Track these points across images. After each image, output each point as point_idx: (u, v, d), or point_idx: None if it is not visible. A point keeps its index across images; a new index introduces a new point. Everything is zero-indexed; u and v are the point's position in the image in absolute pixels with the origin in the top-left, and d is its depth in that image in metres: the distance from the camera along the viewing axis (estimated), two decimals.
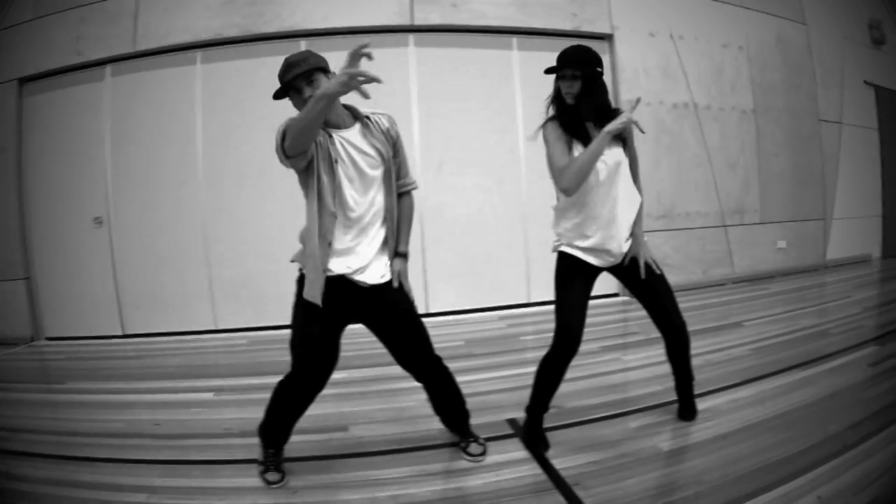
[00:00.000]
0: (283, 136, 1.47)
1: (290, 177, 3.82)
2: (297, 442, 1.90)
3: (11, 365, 3.51)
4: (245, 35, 3.80)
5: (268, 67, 3.77)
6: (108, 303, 4.01)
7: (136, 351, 3.67)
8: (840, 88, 5.83)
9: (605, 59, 4.30)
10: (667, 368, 2.07)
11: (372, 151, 1.58)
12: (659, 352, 2.41)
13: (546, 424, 1.95)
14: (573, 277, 1.83)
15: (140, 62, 3.88)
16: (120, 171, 3.95)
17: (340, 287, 1.56)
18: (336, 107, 1.55)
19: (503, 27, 4.01)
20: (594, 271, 1.85)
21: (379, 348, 1.78)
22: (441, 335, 3.43)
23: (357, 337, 2.08)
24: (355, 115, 1.62)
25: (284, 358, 1.84)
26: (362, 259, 1.57)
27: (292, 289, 1.63)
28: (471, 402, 1.97)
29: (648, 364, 2.67)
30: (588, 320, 1.86)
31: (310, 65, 1.51)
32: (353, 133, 1.58)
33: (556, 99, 1.83)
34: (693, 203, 4.51)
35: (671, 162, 4.43)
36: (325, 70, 1.54)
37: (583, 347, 1.85)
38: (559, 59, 1.78)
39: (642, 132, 1.83)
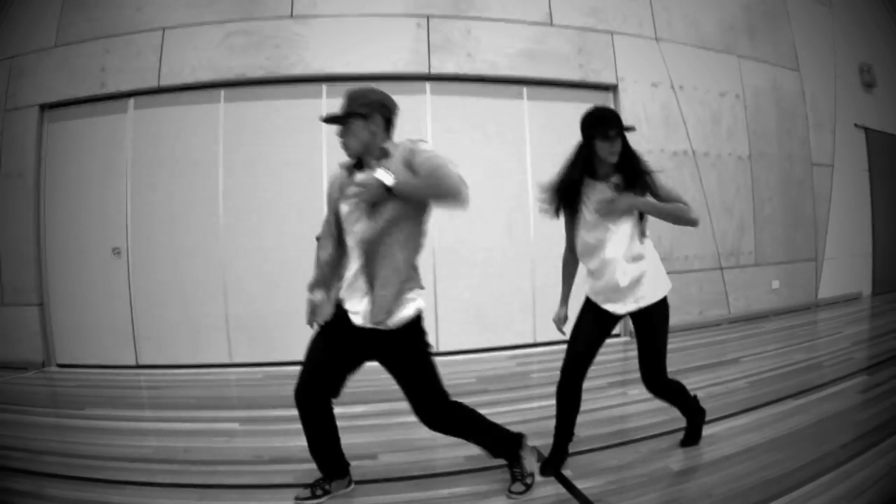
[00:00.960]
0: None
1: (307, 217, 4.17)
2: (288, 471, 2.23)
3: (25, 389, 3.72)
4: (268, 76, 4.13)
5: (289, 109, 4.15)
6: (123, 333, 4.22)
7: (150, 381, 3.87)
8: (832, 132, 6.32)
9: None
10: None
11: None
12: (688, 380, 2.82)
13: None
14: (584, 314, 2.22)
15: (163, 97, 4.18)
16: (139, 202, 4.21)
17: None
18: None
19: (513, 77, 4.40)
20: (604, 313, 2.18)
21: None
22: (453, 373, 3.71)
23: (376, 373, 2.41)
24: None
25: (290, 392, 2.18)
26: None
27: (304, 324, 1.99)
28: None
29: (651, 398, 3.04)
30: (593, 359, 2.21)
31: (345, 108, 1.77)
32: None
33: (583, 160, 2.05)
34: (691, 246, 4.91)
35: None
36: (364, 115, 1.76)
37: (590, 384, 2.23)
38: (600, 119, 1.98)
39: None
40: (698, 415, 2.40)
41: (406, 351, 1.84)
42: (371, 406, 3.09)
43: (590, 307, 2.21)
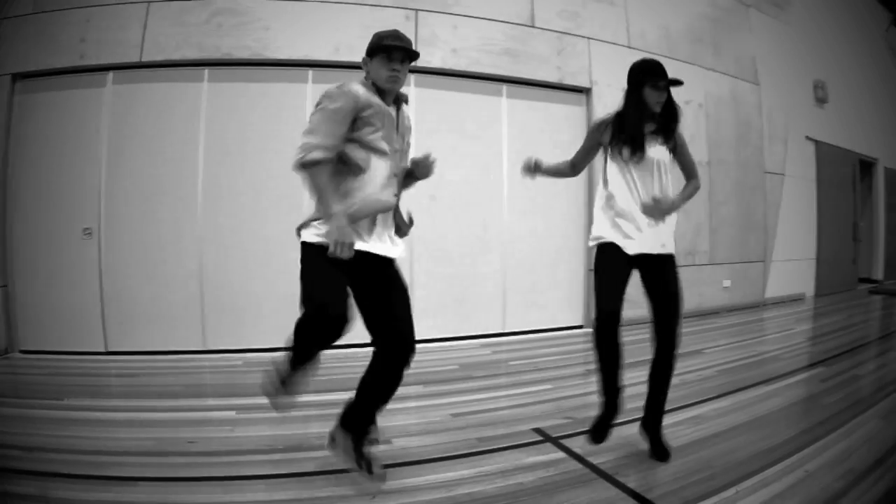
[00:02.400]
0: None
1: (288, 199, 4.40)
2: (306, 458, 2.37)
3: None
4: (255, 59, 4.39)
5: (274, 92, 4.43)
6: (92, 317, 4.26)
7: (124, 369, 3.90)
8: (784, 143, 7.14)
9: (582, 111, 5.30)
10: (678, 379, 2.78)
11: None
12: (641, 372, 3.34)
13: (565, 432, 2.68)
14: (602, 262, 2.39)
15: (145, 73, 4.32)
16: (114, 181, 4.26)
17: None
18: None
19: (495, 75, 4.86)
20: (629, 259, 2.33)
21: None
22: (434, 360, 4.16)
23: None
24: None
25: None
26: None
27: (286, 308, 2.23)
28: (492, 417, 2.82)
29: (636, 382, 3.51)
30: (562, 349, 2.65)
31: (412, 51, 1.99)
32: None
33: (634, 105, 2.28)
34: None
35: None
36: (412, 60, 2.03)
37: (570, 371, 2.65)
38: (652, 69, 2.25)
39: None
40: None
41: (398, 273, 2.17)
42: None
43: (606, 252, 2.36)
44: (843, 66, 8.97)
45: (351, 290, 2.01)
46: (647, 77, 2.25)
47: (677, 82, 2.29)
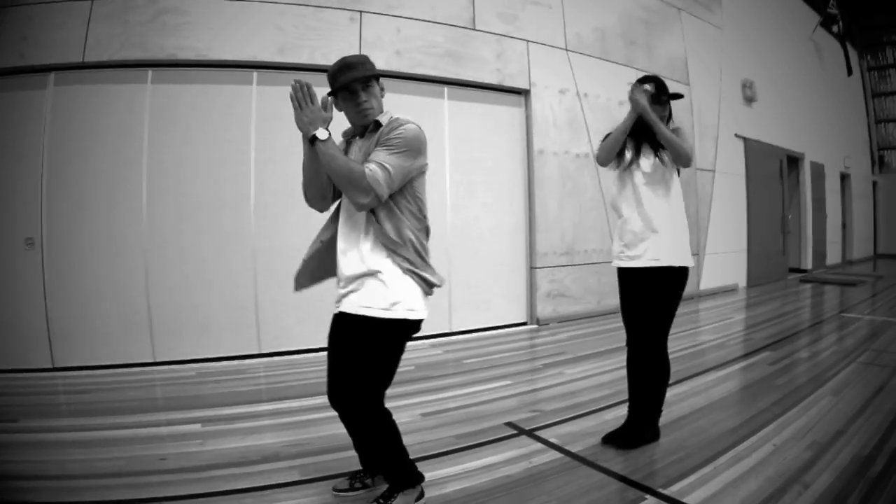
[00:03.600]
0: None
1: (235, 204, 4.62)
2: (326, 461, 2.54)
3: None
4: (200, 59, 4.56)
5: (219, 95, 4.69)
6: (37, 332, 4.22)
7: (74, 385, 3.87)
8: (714, 140, 7.92)
9: (521, 112, 5.83)
10: (609, 377, 3.15)
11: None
12: (594, 365, 3.84)
13: (537, 425, 2.96)
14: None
15: (88, 73, 4.39)
16: (56, 189, 4.25)
17: None
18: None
19: (437, 77, 5.29)
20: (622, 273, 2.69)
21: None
22: None
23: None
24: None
25: (247, 387, 2.84)
26: None
27: (236, 317, 2.48)
28: (462, 415, 3.08)
29: (588, 375, 3.85)
30: (511, 345, 2.99)
31: (368, 70, 1.88)
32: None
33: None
34: (591, 241, 6.16)
35: (573, 205, 6.03)
36: (378, 78, 1.92)
37: (524, 366, 3.04)
38: (657, 85, 2.65)
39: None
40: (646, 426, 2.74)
41: None
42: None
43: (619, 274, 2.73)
44: (771, 66, 9.92)
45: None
46: (675, 97, 2.69)
47: (677, 96, 2.70)
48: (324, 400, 3.25)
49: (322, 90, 1.96)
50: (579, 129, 6.11)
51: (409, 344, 4.97)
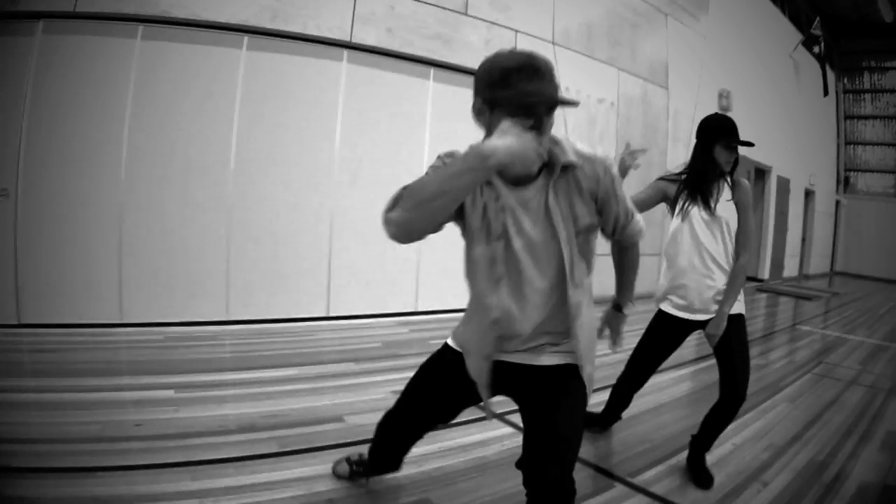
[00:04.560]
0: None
1: (216, 167, 4.87)
2: (304, 434, 2.63)
3: None
4: (192, 19, 4.64)
5: (208, 56, 4.85)
6: (4, 287, 4.21)
7: (40, 344, 3.86)
8: (687, 147, 8.46)
9: None
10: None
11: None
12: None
13: (507, 409, 2.95)
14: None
15: (78, 24, 4.39)
16: (36, 140, 4.28)
17: None
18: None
19: (425, 58, 5.60)
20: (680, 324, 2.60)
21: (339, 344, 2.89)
22: (357, 337, 4.74)
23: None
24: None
25: (216, 354, 2.96)
26: None
27: (209, 281, 2.74)
28: None
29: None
30: None
31: (559, 91, 1.35)
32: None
33: (704, 163, 2.43)
34: None
35: None
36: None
37: None
38: (727, 128, 2.36)
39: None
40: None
41: None
42: (326, 367, 3.77)
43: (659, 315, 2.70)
44: (749, 78, 10.54)
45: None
46: (720, 136, 2.39)
47: (749, 144, 2.43)
48: (297, 371, 3.59)
49: (293, 59, 1.99)
50: (557, 122, 6.47)
51: (376, 321, 5.19)
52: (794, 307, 8.88)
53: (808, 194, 15.01)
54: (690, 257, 2.52)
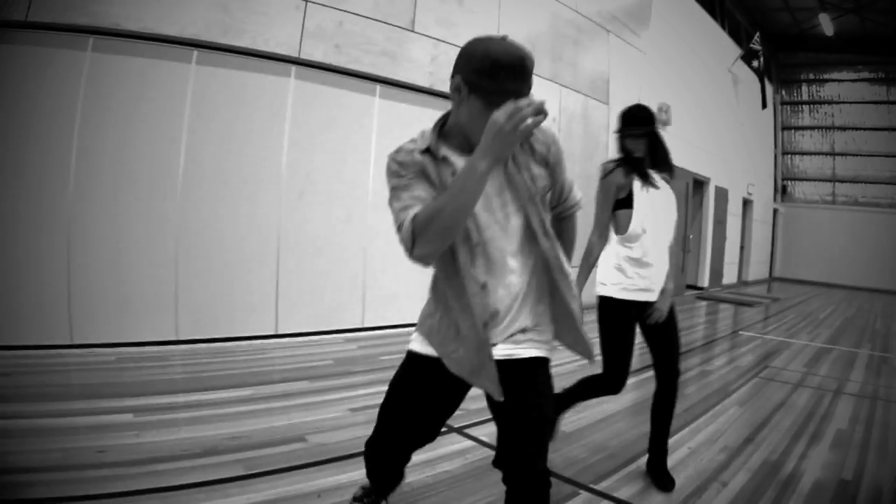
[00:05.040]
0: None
1: (162, 187, 4.97)
2: (269, 455, 2.68)
3: None
4: (142, 31, 4.75)
5: (157, 71, 4.97)
6: None
7: None
8: None
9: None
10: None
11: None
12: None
13: (465, 423, 3.23)
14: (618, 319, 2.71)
15: (28, 34, 4.41)
16: None
17: None
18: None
19: (372, 74, 5.92)
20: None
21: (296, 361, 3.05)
22: (307, 355, 4.86)
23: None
24: None
25: (169, 376, 3.03)
26: None
27: (161, 301, 3.00)
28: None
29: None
30: None
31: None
32: None
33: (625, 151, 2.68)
34: None
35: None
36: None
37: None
38: (626, 118, 2.68)
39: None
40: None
41: None
42: (280, 386, 3.89)
43: (616, 304, 2.68)
44: (688, 92, 11.27)
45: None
46: (624, 125, 2.73)
47: (649, 129, 2.69)
48: (253, 391, 3.70)
49: (242, 75, 2.16)
50: None
51: (323, 338, 5.38)
52: (735, 314, 9.51)
53: (747, 203, 15.99)
54: (655, 237, 2.65)
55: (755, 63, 14.70)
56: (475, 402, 3.46)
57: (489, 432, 3.17)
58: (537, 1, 7.58)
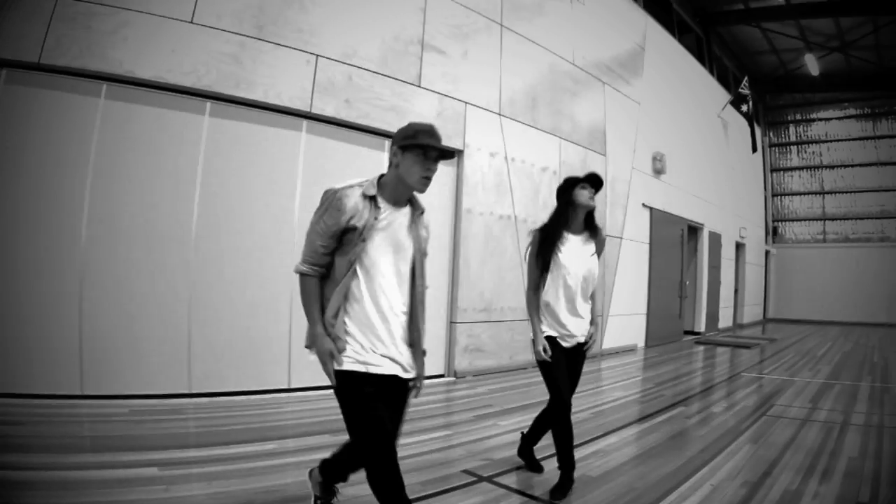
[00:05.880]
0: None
1: (176, 238, 5.11)
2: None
3: None
4: (157, 80, 4.86)
5: (173, 120, 5.09)
6: None
7: (3, 415, 3.89)
8: (624, 209, 9.41)
9: (453, 172, 6.84)
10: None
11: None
12: (524, 417, 4.44)
13: (494, 472, 3.55)
14: (554, 353, 3.30)
15: (41, 77, 4.54)
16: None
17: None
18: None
19: (381, 130, 6.17)
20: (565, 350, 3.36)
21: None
22: (320, 409, 4.87)
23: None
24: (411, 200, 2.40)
25: (186, 429, 3.19)
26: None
27: (167, 354, 3.30)
28: (418, 462, 3.51)
29: (523, 426, 4.11)
30: (435, 396, 3.78)
31: (448, 152, 2.36)
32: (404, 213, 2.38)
33: (566, 205, 3.31)
34: (507, 299, 7.25)
35: (493, 265, 7.13)
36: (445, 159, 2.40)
37: (458, 418, 3.81)
38: (591, 178, 3.30)
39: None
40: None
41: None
42: (303, 440, 3.99)
43: (555, 345, 3.33)
44: (681, 140, 11.77)
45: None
46: (576, 180, 3.36)
47: (599, 182, 3.35)
48: (277, 445, 3.80)
49: (254, 127, 2.39)
50: (504, 191, 7.26)
51: (326, 393, 5.12)
52: (734, 356, 9.86)
53: (739, 247, 16.51)
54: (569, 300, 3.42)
55: (744, 107, 15.36)
56: (497, 451, 3.97)
57: (517, 480, 3.46)
58: (535, 54, 7.98)
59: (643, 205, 10.17)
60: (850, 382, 7.26)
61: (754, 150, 16.55)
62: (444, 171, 6.74)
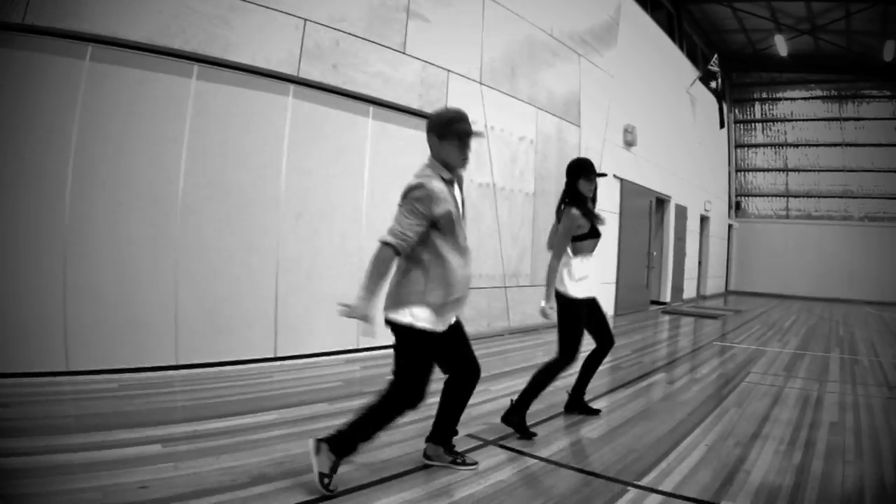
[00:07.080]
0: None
1: (163, 203, 5.23)
2: (288, 487, 2.71)
3: None
4: (144, 43, 4.91)
5: (157, 83, 5.10)
6: None
7: None
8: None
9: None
10: (552, 386, 3.87)
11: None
12: (514, 382, 4.70)
13: (497, 436, 3.68)
14: (581, 309, 4.03)
15: (25, 38, 4.46)
16: None
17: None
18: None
19: (366, 96, 6.43)
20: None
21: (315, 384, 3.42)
22: (311, 377, 5.06)
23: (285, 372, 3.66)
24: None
25: (180, 403, 3.26)
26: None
27: (158, 326, 3.46)
28: (420, 428, 3.46)
29: (515, 391, 4.18)
30: None
31: (474, 132, 2.96)
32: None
33: (577, 193, 4.07)
34: (485, 266, 7.66)
35: (472, 231, 7.38)
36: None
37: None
38: (592, 169, 4.09)
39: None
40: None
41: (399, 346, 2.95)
42: (301, 409, 4.06)
43: (580, 302, 4.00)
44: (651, 113, 12.30)
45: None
46: (581, 172, 4.10)
47: (602, 174, 4.19)
48: (278, 415, 3.85)
49: (242, 91, 3.17)
50: (484, 160, 7.64)
51: (322, 360, 5.68)
52: (701, 326, 10.47)
53: (704, 220, 17.30)
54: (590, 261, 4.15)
55: (713, 84, 16.00)
56: (494, 416, 4.05)
57: (524, 443, 3.66)
58: (515, 24, 8.29)
59: (614, 176, 10.69)
60: (820, 353, 7.79)
61: (722, 125, 17.26)
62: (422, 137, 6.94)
